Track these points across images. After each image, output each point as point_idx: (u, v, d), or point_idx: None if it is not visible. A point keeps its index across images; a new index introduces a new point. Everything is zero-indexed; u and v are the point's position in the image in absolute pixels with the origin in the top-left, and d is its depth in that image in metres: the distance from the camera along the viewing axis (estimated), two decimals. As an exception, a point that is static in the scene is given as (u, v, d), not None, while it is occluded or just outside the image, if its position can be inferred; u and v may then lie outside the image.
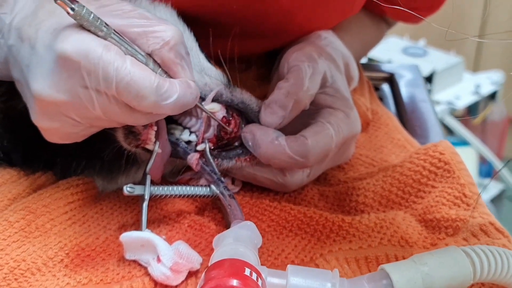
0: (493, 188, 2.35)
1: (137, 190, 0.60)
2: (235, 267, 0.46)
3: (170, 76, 0.54)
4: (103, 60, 0.48)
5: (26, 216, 0.61)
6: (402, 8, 0.53)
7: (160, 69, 0.53)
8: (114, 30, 0.50)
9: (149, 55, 0.53)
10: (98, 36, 0.49)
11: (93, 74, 0.48)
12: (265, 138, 0.63)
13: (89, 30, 0.49)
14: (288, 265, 0.50)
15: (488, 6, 2.54)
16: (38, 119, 0.53)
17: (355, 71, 0.81)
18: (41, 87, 0.50)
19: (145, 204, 0.60)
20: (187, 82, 0.53)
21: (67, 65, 0.49)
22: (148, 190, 0.60)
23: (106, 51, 0.48)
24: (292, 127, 0.65)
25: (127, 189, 0.59)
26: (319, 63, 0.69)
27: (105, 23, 0.49)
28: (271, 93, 0.66)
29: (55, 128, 0.54)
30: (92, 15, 0.48)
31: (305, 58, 0.68)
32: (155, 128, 0.61)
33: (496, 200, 2.37)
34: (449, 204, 0.65)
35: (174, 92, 0.51)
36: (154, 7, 0.66)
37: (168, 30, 0.53)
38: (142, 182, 0.61)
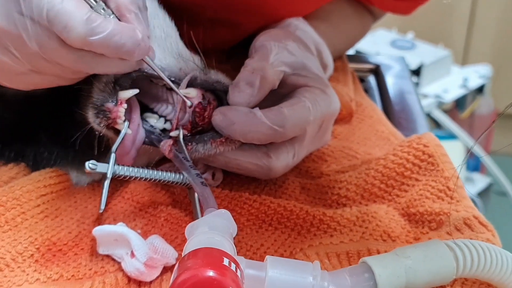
0: (480, 182, 2.35)
1: (100, 167, 0.57)
2: (212, 256, 0.43)
3: None
4: None
5: (-5, 210, 0.59)
6: None
7: (113, 15, 0.51)
8: None
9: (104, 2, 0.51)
10: None
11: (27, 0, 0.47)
12: (237, 113, 0.59)
13: None
14: (267, 256, 0.48)
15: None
16: None
17: (328, 58, 0.79)
18: None
19: (106, 183, 0.57)
20: (132, 27, 0.51)
21: None
22: (111, 169, 0.57)
23: None
24: None
25: (89, 166, 0.56)
26: (287, 44, 0.67)
27: None
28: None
29: None
30: None
31: (271, 38, 0.67)
32: (124, 105, 0.58)
33: (483, 194, 2.36)
34: (432, 198, 0.63)
35: (106, 28, 0.48)
36: None
37: None
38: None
